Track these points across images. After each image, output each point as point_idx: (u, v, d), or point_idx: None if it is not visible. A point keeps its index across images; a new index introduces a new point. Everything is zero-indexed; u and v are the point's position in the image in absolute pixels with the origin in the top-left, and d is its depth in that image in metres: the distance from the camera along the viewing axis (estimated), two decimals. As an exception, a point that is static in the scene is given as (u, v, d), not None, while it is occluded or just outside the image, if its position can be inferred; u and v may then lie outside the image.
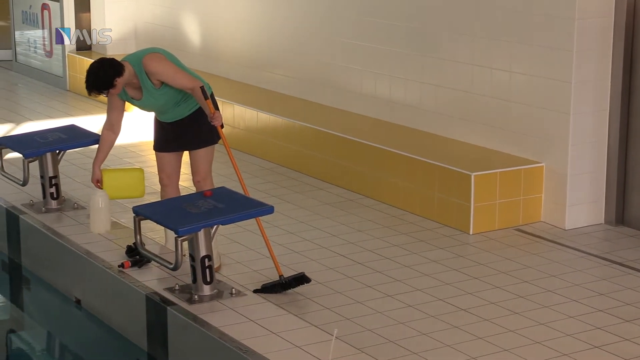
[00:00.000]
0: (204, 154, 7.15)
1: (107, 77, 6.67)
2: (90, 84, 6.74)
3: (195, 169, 7.19)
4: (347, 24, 9.88)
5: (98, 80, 6.70)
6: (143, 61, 6.80)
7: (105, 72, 6.69)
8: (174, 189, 7.26)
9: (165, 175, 7.22)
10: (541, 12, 7.90)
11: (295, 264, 7.16)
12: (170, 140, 7.13)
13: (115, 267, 6.73)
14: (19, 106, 12.72)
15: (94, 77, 6.72)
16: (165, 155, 7.19)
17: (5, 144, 8.18)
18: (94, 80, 6.72)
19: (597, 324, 6.21)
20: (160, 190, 7.34)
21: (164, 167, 7.21)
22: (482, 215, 7.87)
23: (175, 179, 7.28)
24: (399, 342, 5.93)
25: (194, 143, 7.12)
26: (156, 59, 6.85)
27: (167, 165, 7.20)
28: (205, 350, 5.79)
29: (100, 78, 6.69)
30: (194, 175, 7.21)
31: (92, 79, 6.73)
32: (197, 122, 7.04)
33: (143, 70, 6.79)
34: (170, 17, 12.48)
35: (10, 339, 7.32)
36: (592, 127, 7.91)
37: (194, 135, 7.08)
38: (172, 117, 7.04)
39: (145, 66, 6.78)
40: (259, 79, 11.16)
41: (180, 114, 7.02)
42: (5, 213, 8.06)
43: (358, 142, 8.87)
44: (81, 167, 9.43)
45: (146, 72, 6.79)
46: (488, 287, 6.80)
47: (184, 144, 7.14)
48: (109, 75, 6.67)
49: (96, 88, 6.74)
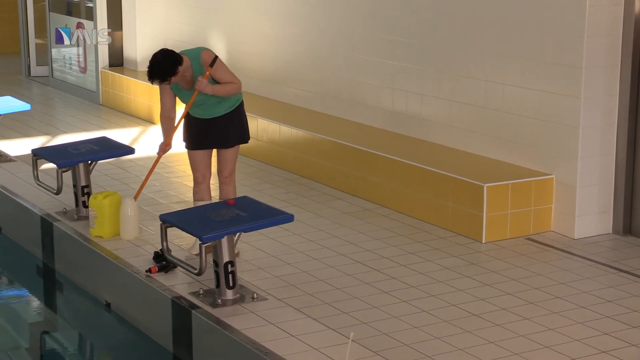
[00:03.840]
0: (233, 153, 7.35)
1: (170, 66, 6.89)
2: (155, 72, 6.91)
3: (223, 166, 7.35)
4: (364, 41, 9.87)
5: (162, 69, 6.90)
6: (202, 53, 7.09)
7: (169, 62, 6.90)
8: (207, 186, 7.41)
9: (200, 174, 7.37)
10: (552, 30, 7.88)
11: (315, 270, 7.16)
12: (204, 138, 7.28)
13: (143, 272, 6.72)
14: (55, 119, 12.76)
15: (158, 66, 6.90)
16: (198, 154, 7.33)
17: (41, 155, 8.21)
18: (159, 69, 6.90)
19: (605, 330, 6.17)
20: (194, 187, 7.46)
21: (198, 166, 7.35)
22: (494, 224, 7.83)
23: (209, 177, 7.42)
24: (413, 346, 5.90)
25: (226, 141, 7.29)
26: (212, 53, 7.14)
27: (200, 164, 7.34)
28: (227, 351, 5.78)
29: (164, 67, 6.89)
30: (222, 172, 7.37)
31: (157, 68, 6.91)
32: (231, 121, 7.27)
33: (200, 62, 7.04)
34: (197, 35, 12.49)
35: (44, 339, 7.33)
36: (601, 140, 7.86)
37: (228, 134, 7.27)
38: (210, 114, 7.23)
39: (203, 57, 7.07)
40: (281, 93, 11.16)
41: (217, 112, 7.22)
42: (40, 220, 8.07)
43: (375, 154, 8.85)
44: (112, 177, 9.43)
45: (202, 63, 7.03)
46: (499, 294, 6.76)
47: (217, 141, 7.30)
48: (171, 64, 6.89)
49: (160, 76, 6.91)
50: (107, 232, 7.44)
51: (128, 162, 9.89)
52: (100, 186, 8.79)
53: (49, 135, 11.61)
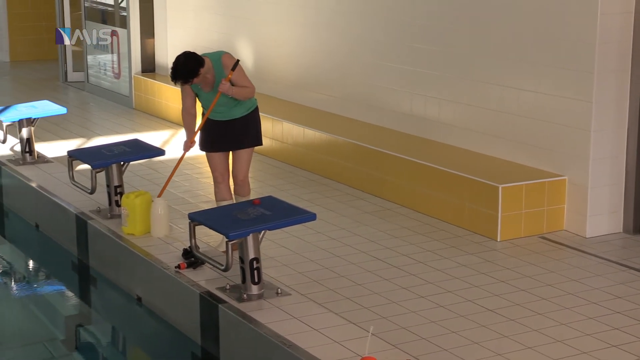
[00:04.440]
0: (247, 154, 7.38)
1: (193, 67, 6.96)
2: (178, 73, 6.99)
3: (239, 168, 7.38)
4: (384, 48, 9.86)
5: (185, 71, 6.98)
6: (223, 57, 7.18)
7: (191, 64, 6.98)
8: (227, 185, 7.44)
9: (219, 174, 7.40)
10: (565, 37, 7.85)
11: (337, 267, 7.15)
12: (220, 141, 7.33)
13: (173, 268, 6.73)
14: (90, 123, 12.81)
15: (182, 67, 6.98)
16: (216, 156, 7.38)
17: (76, 156, 8.25)
18: (182, 71, 6.97)
19: (615, 325, 6.14)
20: (214, 187, 7.49)
21: (217, 167, 7.39)
22: (508, 223, 7.81)
23: (227, 176, 7.45)
24: (430, 339, 5.88)
25: (243, 143, 7.33)
26: (233, 57, 7.24)
27: (219, 165, 7.39)
28: (253, 344, 5.78)
29: (187, 68, 6.96)
30: (237, 176, 7.40)
31: (180, 69, 6.98)
32: (247, 124, 7.33)
33: (221, 65, 7.12)
34: (225, 42, 12.51)
35: (79, 332, 7.37)
36: (611, 143, 7.83)
37: (244, 136, 7.32)
38: (227, 116, 7.27)
39: (224, 60, 7.16)
40: (305, 98, 11.16)
41: (234, 114, 7.27)
42: (75, 218, 8.10)
43: (395, 156, 8.83)
44: (143, 177, 9.46)
45: (223, 66, 7.13)
46: (514, 290, 6.73)
47: (234, 143, 7.34)
48: (194, 66, 6.97)
49: (183, 77, 7.00)
50: (139, 230, 7.45)
51: (159, 163, 9.91)
52: (132, 186, 8.81)
53: (84, 138, 11.65)
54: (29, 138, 9.84)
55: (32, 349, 6.82)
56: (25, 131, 9.82)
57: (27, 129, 9.83)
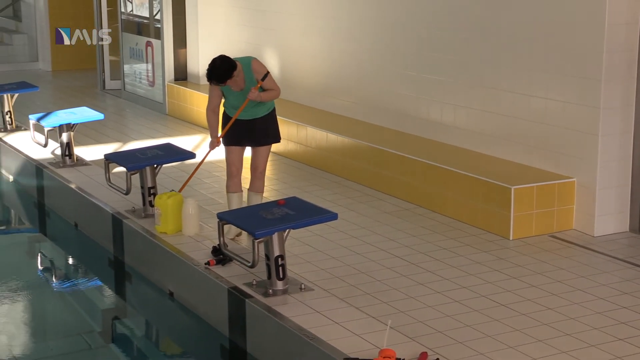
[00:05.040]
0: (267, 150, 7.61)
1: (227, 70, 7.20)
2: (214, 75, 7.22)
3: (258, 163, 7.60)
4: (403, 57, 9.84)
5: (221, 73, 7.20)
6: (252, 62, 7.42)
7: (226, 67, 7.21)
8: (239, 180, 7.64)
9: (235, 168, 7.59)
10: (574, 46, 7.82)
11: (357, 264, 7.14)
12: (242, 137, 7.52)
13: (202, 265, 6.74)
14: (126, 128, 12.85)
15: (218, 69, 7.21)
16: (234, 150, 7.57)
17: (112, 159, 8.27)
18: (218, 72, 7.20)
19: (621, 319, 6.10)
20: (227, 180, 7.67)
21: (234, 161, 7.60)
22: (520, 223, 7.77)
23: (241, 171, 7.65)
24: (445, 333, 5.86)
25: (265, 140, 7.56)
26: (260, 62, 7.52)
27: (235, 159, 7.59)
28: (278, 337, 5.78)
29: (223, 70, 7.20)
30: (257, 169, 7.61)
31: (216, 71, 7.21)
32: (267, 123, 7.56)
33: (251, 69, 7.36)
34: (253, 52, 12.51)
35: (115, 324, 7.38)
36: (618, 147, 7.78)
37: (265, 133, 7.54)
38: (251, 115, 7.48)
39: (253, 65, 7.40)
40: (328, 104, 11.15)
41: (257, 114, 7.49)
42: (111, 218, 8.12)
43: (413, 159, 8.81)
44: (176, 179, 9.47)
45: (252, 70, 7.36)
46: (525, 286, 6.70)
47: (255, 140, 7.54)
48: (228, 70, 7.20)
49: (218, 78, 7.23)
50: (171, 229, 7.47)
51: (190, 166, 9.89)
52: (165, 187, 8.83)
53: (120, 142, 11.69)
54: (68, 142, 9.87)
55: (72, 340, 6.85)
56: (65, 136, 9.86)
57: (67, 134, 9.87)
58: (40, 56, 18.48)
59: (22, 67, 18.22)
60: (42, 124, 9.99)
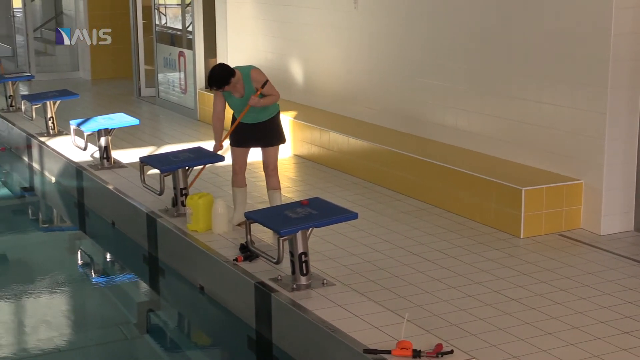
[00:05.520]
0: (274, 151, 7.75)
1: (225, 76, 7.36)
2: (213, 81, 7.40)
3: (269, 161, 7.76)
4: (420, 66, 9.82)
5: (219, 79, 7.37)
6: (251, 71, 7.54)
7: (224, 74, 7.38)
8: (244, 175, 7.85)
9: (239, 166, 7.82)
10: (582, 56, 7.78)
11: (376, 261, 7.13)
12: (248, 139, 7.72)
13: (231, 261, 6.74)
14: (160, 132, 12.89)
15: (216, 76, 7.37)
16: (240, 151, 7.79)
17: (147, 162, 8.28)
18: (216, 79, 7.37)
19: (626, 314, 6.07)
20: (233, 177, 7.87)
21: (238, 160, 7.83)
22: (530, 222, 7.73)
23: (245, 169, 7.87)
24: (459, 325, 5.85)
25: (271, 141, 7.69)
26: (260, 71, 7.63)
27: (240, 158, 7.81)
28: (301, 328, 5.77)
29: (221, 77, 7.36)
30: (268, 167, 7.76)
31: (214, 78, 7.39)
32: (272, 126, 7.71)
33: (250, 78, 7.49)
34: (279, 61, 12.54)
35: (149, 316, 7.40)
36: (623, 150, 7.73)
37: (272, 135, 7.69)
38: (254, 119, 7.66)
39: (252, 74, 7.51)
40: (349, 111, 11.14)
41: (260, 118, 7.65)
42: (145, 217, 8.14)
43: (429, 162, 8.79)
44: (206, 180, 9.49)
45: (251, 78, 7.48)
46: (535, 282, 6.67)
47: (262, 142, 7.70)
48: (226, 76, 7.37)
49: (216, 84, 7.38)
50: (202, 227, 7.47)
51: (219, 168, 9.94)
52: (196, 188, 8.83)
53: (154, 146, 11.72)
54: (106, 146, 9.91)
55: (109, 331, 6.87)
56: (103, 140, 9.90)
57: (105, 138, 9.90)
58: (80, 66, 18.58)
59: (63, 76, 18.32)
60: (82, 128, 10.02)
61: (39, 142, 11.34)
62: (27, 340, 6.63)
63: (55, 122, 11.69)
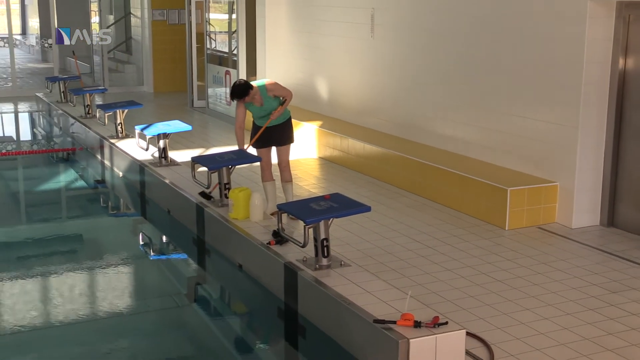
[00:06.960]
0: (287, 149, 7.92)
1: (244, 89, 7.58)
2: (234, 93, 7.59)
3: (282, 158, 7.95)
4: (425, 86, 9.80)
5: (240, 91, 7.57)
6: (266, 83, 7.71)
7: (243, 87, 7.58)
8: (270, 171, 7.98)
9: (265, 163, 7.96)
10: (558, 80, 7.75)
11: (385, 246, 7.12)
12: (268, 140, 7.86)
13: (265, 244, 6.74)
14: (208, 137, 12.90)
15: (237, 89, 7.58)
16: (264, 151, 7.94)
17: (197, 161, 8.25)
18: (237, 91, 7.57)
19: (592, 294, 6.05)
20: (261, 173, 8.01)
21: (264, 157, 7.94)
22: (514, 216, 7.71)
23: (270, 165, 8.00)
24: (454, 301, 5.85)
25: (285, 141, 7.87)
26: (273, 82, 7.79)
27: (265, 156, 7.96)
28: (322, 301, 5.76)
29: (240, 90, 7.58)
30: (282, 160, 7.95)
31: (235, 90, 7.59)
32: (285, 128, 7.86)
33: (265, 88, 7.67)
34: (308, 79, 12.54)
35: (197, 288, 7.39)
36: (592, 158, 7.69)
37: (285, 136, 7.85)
38: (271, 123, 7.76)
39: (267, 86, 7.69)
40: (366, 122, 11.13)
41: (277, 121, 7.77)
42: (195, 207, 8.14)
43: (431, 165, 8.77)
44: (245, 177, 9.51)
45: (267, 89, 7.65)
46: (516, 266, 6.65)
47: (278, 141, 7.86)
48: (245, 89, 7.59)
49: (237, 95, 7.57)
50: (241, 216, 7.47)
51: (256, 167, 9.95)
52: (237, 183, 8.87)
53: (203, 148, 11.75)
54: (164, 147, 9.93)
55: (164, 299, 6.88)
56: (162, 142, 9.92)
57: (163, 141, 9.92)
58: (145, 81, 18.66)
59: (131, 90, 18.41)
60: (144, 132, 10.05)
61: (110, 143, 11.39)
62: (99, 305, 6.66)
63: (123, 127, 11.74)
